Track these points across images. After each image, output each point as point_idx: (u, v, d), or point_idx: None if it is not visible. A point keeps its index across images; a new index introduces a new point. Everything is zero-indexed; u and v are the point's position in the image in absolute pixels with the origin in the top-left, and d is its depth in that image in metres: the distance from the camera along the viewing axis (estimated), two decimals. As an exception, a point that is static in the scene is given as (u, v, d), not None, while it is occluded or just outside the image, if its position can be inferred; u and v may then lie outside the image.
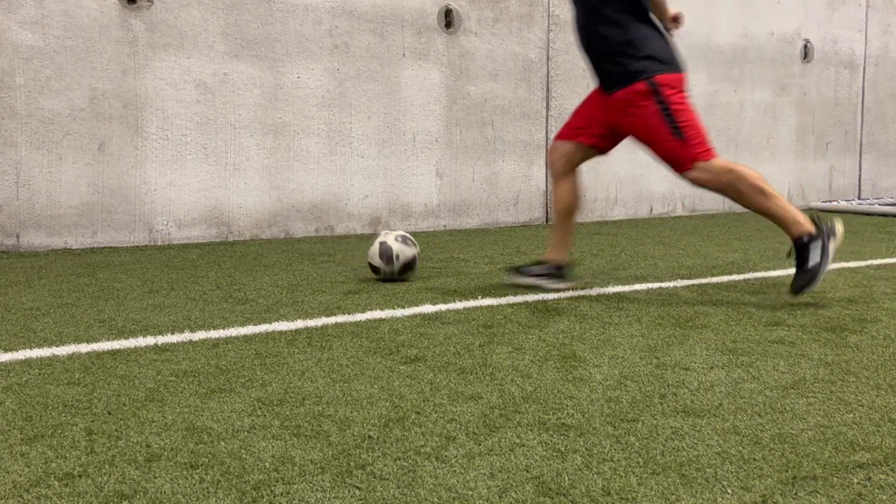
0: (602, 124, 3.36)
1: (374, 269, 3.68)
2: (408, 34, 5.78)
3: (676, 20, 3.43)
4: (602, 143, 3.40)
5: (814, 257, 3.07)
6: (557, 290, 3.46)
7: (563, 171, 3.44)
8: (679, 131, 3.13)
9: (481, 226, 6.15)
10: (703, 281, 3.74)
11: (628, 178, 6.80)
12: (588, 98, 3.42)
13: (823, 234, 3.08)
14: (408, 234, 3.76)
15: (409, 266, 3.68)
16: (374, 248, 3.66)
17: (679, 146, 3.15)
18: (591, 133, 3.38)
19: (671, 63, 3.19)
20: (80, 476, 1.61)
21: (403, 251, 3.65)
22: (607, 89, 3.27)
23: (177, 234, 5.14)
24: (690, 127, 3.15)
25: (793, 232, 3.12)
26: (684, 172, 3.20)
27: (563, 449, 1.74)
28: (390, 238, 3.65)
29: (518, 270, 3.57)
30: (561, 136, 3.45)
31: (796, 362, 2.41)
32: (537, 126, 6.34)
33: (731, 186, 3.15)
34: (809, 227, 3.09)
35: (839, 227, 3.12)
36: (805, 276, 3.09)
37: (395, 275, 3.67)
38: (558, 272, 3.52)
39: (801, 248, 3.10)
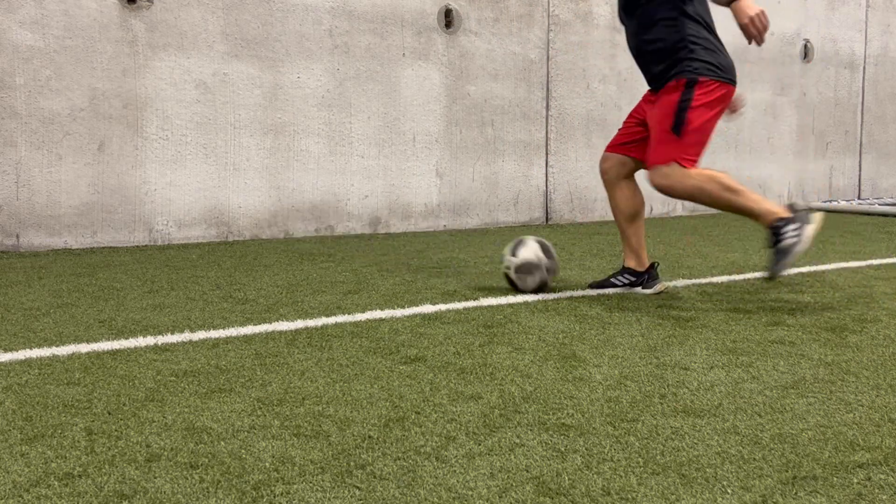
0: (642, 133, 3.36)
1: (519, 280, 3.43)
2: (408, 34, 5.78)
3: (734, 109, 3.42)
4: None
5: (788, 237, 3.00)
6: (655, 293, 3.42)
7: (617, 177, 3.42)
8: (679, 129, 3.10)
9: (481, 226, 6.15)
10: (703, 281, 3.74)
11: (628, 178, 6.79)
12: (632, 112, 3.43)
13: (799, 218, 3.03)
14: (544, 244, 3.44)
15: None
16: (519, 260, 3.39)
17: (670, 142, 3.12)
18: (637, 147, 3.38)
19: (723, 72, 3.17)
20: (80, 476, 1.61)
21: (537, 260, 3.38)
22: (656, 89, 3.23)
23: (177, 234, 5.14)
24: (694, 132, 3.11)
25: (767, 220, 3.07)
26: (654, 167, 3.15)
27: (563, 449, 1.74)
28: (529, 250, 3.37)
29: (599, 284, 3.53)
30: (609, 149, 3.45)
31: (796, 362, 2.41)
32: (537, 126, 6.34)
33: (700, 190, 3.10)
34: (783, 213, 3.05)
35: (817, 215, 3.08)
36: (777, 255, 3.02)
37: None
38: (640, 278, 3.48)
39: (775, 230, 3.05)
